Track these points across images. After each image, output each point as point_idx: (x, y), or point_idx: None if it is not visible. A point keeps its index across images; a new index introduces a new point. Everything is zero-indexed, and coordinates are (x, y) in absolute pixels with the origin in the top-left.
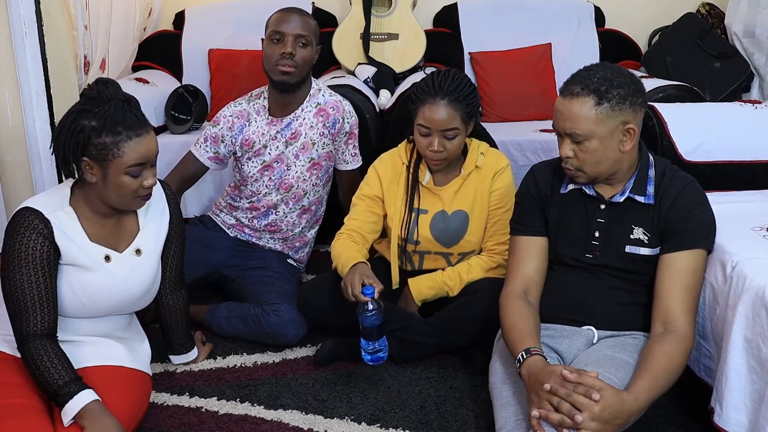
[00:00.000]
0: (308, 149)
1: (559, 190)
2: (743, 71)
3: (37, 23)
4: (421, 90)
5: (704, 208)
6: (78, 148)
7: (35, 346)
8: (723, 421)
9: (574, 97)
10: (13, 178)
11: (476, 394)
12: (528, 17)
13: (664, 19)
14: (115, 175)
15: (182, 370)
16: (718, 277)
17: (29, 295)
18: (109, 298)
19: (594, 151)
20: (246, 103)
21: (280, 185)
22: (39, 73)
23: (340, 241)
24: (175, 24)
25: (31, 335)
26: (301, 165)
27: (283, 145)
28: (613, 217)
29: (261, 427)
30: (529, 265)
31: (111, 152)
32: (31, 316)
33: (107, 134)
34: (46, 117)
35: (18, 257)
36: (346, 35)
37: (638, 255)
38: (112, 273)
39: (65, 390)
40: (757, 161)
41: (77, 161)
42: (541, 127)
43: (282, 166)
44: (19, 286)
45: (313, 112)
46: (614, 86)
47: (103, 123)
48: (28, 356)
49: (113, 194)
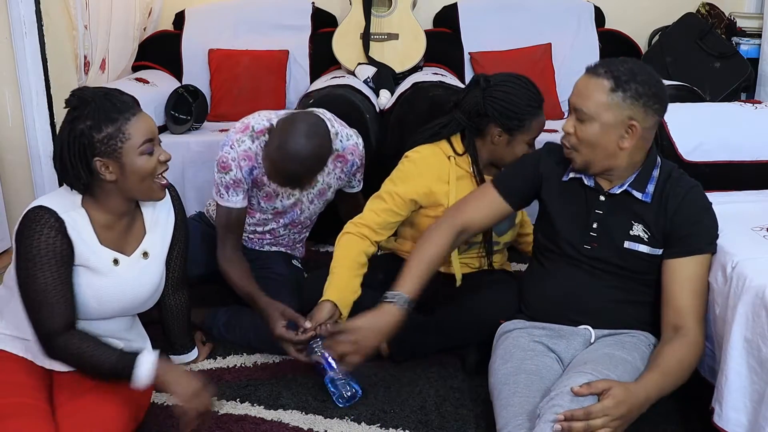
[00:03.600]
0: (324, 194)
1: (561, 177)
2: (743, 71)
3: (37, 23)
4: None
5: (710, 213)
6: (85, 152)
7: (69, 339)
8: (723, 421)
9: (595, 76)
10: (13, 178)
11: (476, 394)
12: (528, 17)
13: (664, 19)
14: (131, 160)
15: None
16: (718, 277)
17: (52, 292)
18: (117, 301)
19: (592, 135)
20: (250, 142)
21: (289, 223)
22: (39, 73)
23: (349, 240)
24: (175, 24)
25: (60, 331)
26: (315, 207)
27: (299, 192)
28: (611, 210)
29: (261, 427)
30: (480, 212)
31: (118, 139)
32: (56, 313)
33: (106, 125)
34: (46, 117)
35: (37, 254)
36: (346, 35)
37: (637, 252)
38: (121, 276)
39: (123, 362)
40: (757, 161)
41: (88, 165)
42: None
43: (296, 209)
44: (42, 283)
45: (332, 159)
46: (636, 80)
47: (97, 117)
48: (65, 351)
49: (136, 183)
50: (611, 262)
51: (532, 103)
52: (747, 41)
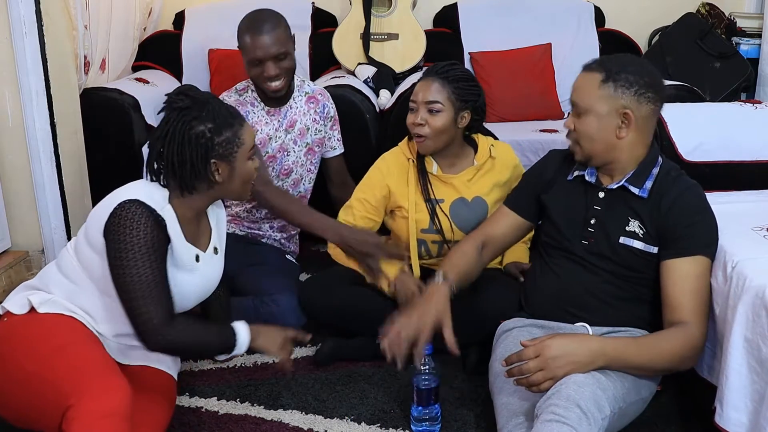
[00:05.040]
0: (304, 135)
1: (566, 177)
2: (743, 71)
3: (37, 23)
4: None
5: (706, 215)
6: (205, 153)
7: (177, 327)
8: (723, 421)
9: (588, 71)
10: (13, 178)
11: (476, 394)
12: (528, 17)
13: (664, 19)
14: (242, 164)
15: (182, 370)
16: (718, 277)
17: (161, 284)
18: (195, 295)
19: (590, 127)
20: (237, 96)
21: (281, 171)
22: (39, 73)
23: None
24: (175, 24)
25: (169, 321)
26: (299, 150)
27: (283, 133)
28: (609, 206)
29: (261, 427)
30: (498, 229)
31: (234, 144)
32: (165, 303)
33: (225, 129)
34: (46, 117)
35: (143, 247)
36: (346, 35)
37: (632, 248)
38: (201, 272)
39: (225, 335)
40: (757, 161)
41: (205, 166)
42: (541, 127)
43: (283, 153)
44: (150, 275)
45: (304, 99)
46: (626, 71)
47: (218, 121)
48: (179, 338)
49: (239, 185)
50: (607, 258)
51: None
52: (747, 41)
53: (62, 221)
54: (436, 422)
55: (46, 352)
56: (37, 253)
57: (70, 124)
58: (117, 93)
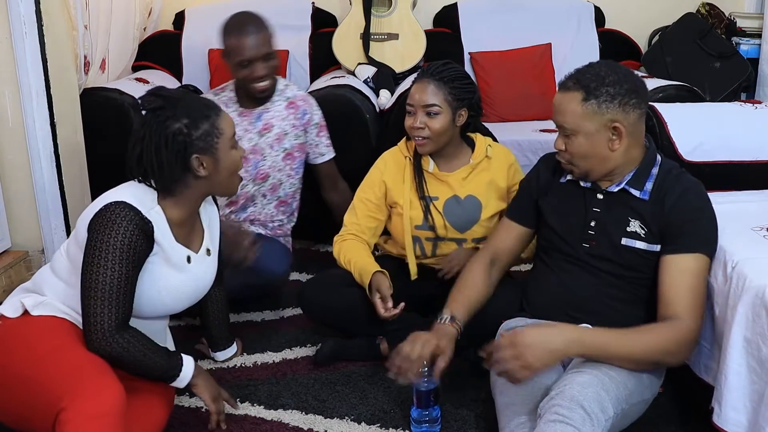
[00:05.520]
0: (282, 139)
1: (559, 180)
2: (743, 71)
3: (37, 23)
4: (415, 77)
5: (707, 213)
6: (184, 150)
7: (125, 337)
8: (722, 421)
9: (566, 91)
10: (13, 178)
11: (476, 394)
12: (528, 17)
13: (664, 19)
14: (225, 154)
15: None
16: (718, 277)
17: (123, 289)
18: (186, 297)
19: (581, 147)
20: (213, 96)
21: (256, 176)
22: (39, 73)
23: (349, 243)
24: (175, 24)
25: (119, 329)
26: (276, 154)
27: (256, 135)
28: (608, 207)
29: (261, 427)
30: (505, 243)
31: (213, 135)
32: (121, 310)
33: (202, 122)
34: (46, 117)
35: (116, 250)
36: (346, 35)
37: (634, 248)
38: (193, 273)
39: (171, 364)
40: (757, 161)
41: (185, 163)
42: (541, 127)
43: (257, 156)
44: (114, 278)
45: (284, 104)
46: (605, 84)
47: (192, 115)
48: (120, 349)
49: (225, 177)
50: (609, 260)
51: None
52: (747, 41)
53: (62, 221)
54: (436, 424)
55: (38, 355)
56: (37, 253)
57: (70, 124)
58: (117, 93)
